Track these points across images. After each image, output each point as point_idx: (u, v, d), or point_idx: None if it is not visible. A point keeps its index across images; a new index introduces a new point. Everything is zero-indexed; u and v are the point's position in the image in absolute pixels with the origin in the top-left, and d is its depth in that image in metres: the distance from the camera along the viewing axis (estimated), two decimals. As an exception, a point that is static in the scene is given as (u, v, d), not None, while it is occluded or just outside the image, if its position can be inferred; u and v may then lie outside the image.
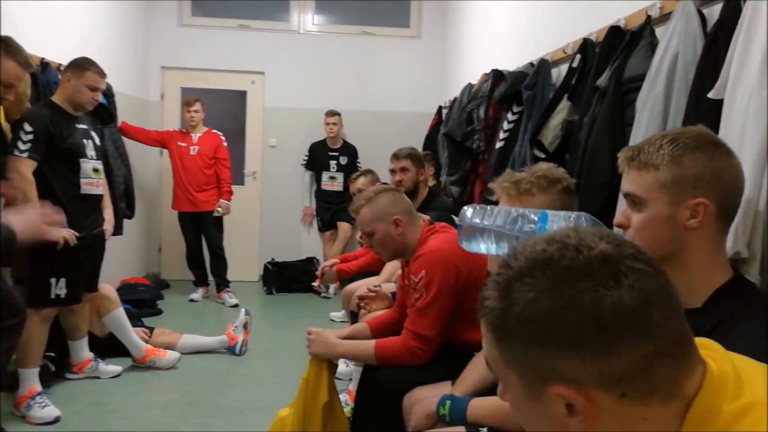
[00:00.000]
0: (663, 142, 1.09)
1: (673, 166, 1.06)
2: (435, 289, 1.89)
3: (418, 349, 1.90)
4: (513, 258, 0.66)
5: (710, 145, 1.08)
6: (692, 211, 1.06)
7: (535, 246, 0.66)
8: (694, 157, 1.06)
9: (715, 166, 1.06)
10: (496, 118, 3.31)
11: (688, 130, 1.14)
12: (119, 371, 3.32)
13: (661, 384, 0.59)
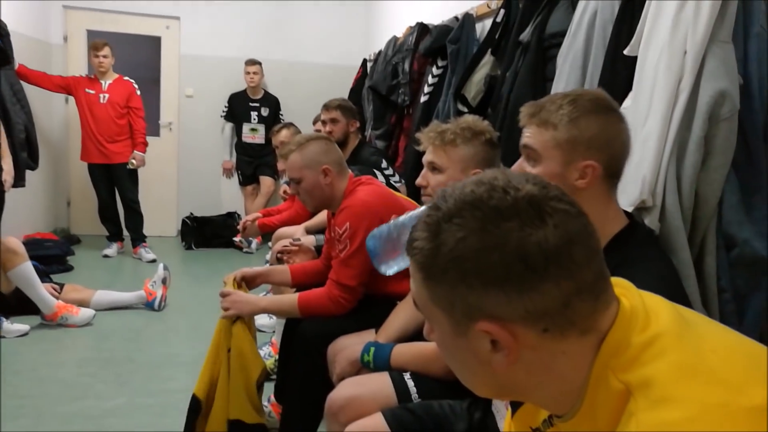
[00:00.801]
0: (563, 102, 1.14)
1: (570, 127, 1.12)
2: (359, 240, 1.90)
3: (342, 298, 1.91)
4: (442, 200, 0.67)
5: (606, 110, 1.14)
6: (581, 172, 1.12)
7: (464, 188, 0.67)
8: (590, 120, 1.12)
9: (609, 130, 1.13)
10: (420, 72, 3.31)
11: (587, 92, 1.19)
12: (26, 330, 3.15)
13: (580, 319, 0.63)
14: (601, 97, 1.17)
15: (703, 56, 1.30)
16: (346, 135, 3.26)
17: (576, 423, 0.66)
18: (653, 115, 1.35)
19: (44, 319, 3.31)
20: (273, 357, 2.67)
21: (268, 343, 2.85)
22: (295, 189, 2.10)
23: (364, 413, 1.44)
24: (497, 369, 0.64)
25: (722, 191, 1.30)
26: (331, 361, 1.80)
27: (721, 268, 1.30)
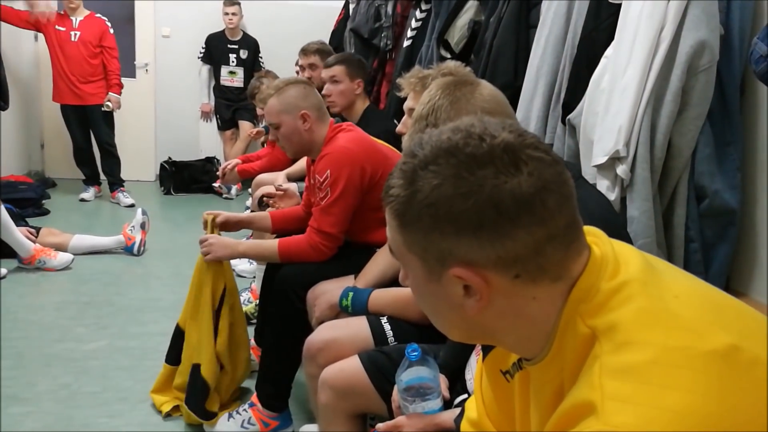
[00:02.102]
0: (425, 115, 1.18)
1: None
2: (340, 188, 1.90)
3: (322, 245, 1.93)
4: (419, 147, 0.67)
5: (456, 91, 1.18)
6: None
7: (440, 135, 0.67)
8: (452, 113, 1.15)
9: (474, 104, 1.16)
10: (404, 15, 3.24)
11: (432, 89, 1.23)
12: (4, 273, 3.13)
13: (551, 266, 0.64)
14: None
15: (685, 5, 1.29)
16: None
17: (544, 366, 0.69)
18: (633, 64, 1.34)
19: (21, 263, 3.29)
20: (253, 303, 2.70)
21: (248, 288, 2.87)
22: (274, 135, 2.08)
23: (341, 356, 1.48)
24: (469, 313, 0.66)
25: (696, 142, 1.32)
26: (311, 306, 1.83)
27: (690, 219, 1.33)
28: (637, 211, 1.29)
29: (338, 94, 2.69)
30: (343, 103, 2.72)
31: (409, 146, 0.70)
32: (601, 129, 1.17)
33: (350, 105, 2.75)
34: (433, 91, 1.21)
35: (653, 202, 1.31)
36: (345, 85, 2.70)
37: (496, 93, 1.21)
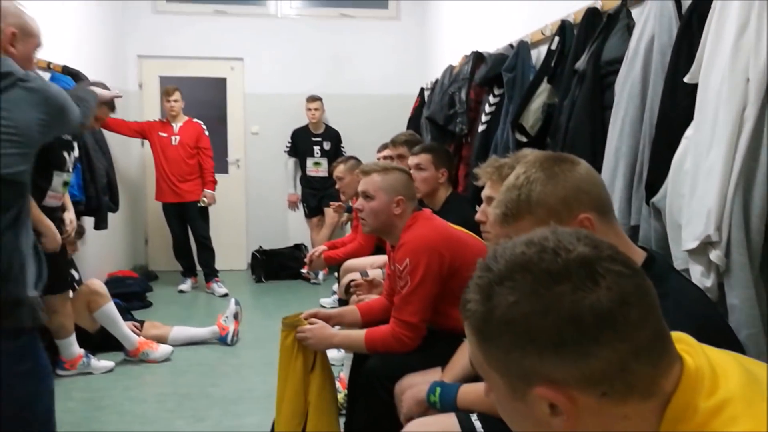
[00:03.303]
0: (518, 185, 1.14)
1: (538, 207, 1.11)
2: (419, 276, 1.92)
3: (405, 336, 1.93)
4: (493, 261, 0.68)
5: (555, 166, 1.14)
6: (582, 227, 1.10)
7: (514, 249, 0.68)
8: (548, 187, 1.11)
9: (572, 183, 1.12)
10: (477, 100, 3.31)
11: (529, 160, 1.20)
12: (112, 366, 3.33)
13: (640, 382, 0.62)
14: (545, 157, 1.19)
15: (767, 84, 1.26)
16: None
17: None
18: (717, 145, 1.30)
19: (127, 355, 3.48)
20: (342, 392, 2.70)
21: (337, 378, 2.88)
22: (361, 205, 2.12)
23: (431, 455, 1.44)
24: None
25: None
26: (398, 400, 1.81)
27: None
28: (738, 300, 1.21)
29: (421, 181, 2.77)
30: (426, 189, 2.80)
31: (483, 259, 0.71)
32: (688, 212, 1.12)
33: (433, 192, 2.83)
34: (530, 161, 1.20)
35: (755, 289, 1.22)
36: (429, 173, 2.81)
37: (595, 173, 1.19)
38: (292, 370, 2.04)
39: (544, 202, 1.11)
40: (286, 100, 5.81)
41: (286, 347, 2.06)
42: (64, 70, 4.00)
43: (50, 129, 1.70)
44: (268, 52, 5.84)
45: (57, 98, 1.72)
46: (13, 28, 1.66)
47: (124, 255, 5.46)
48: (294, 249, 5.77)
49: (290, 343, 2.05)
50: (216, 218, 5.34)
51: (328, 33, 5.89)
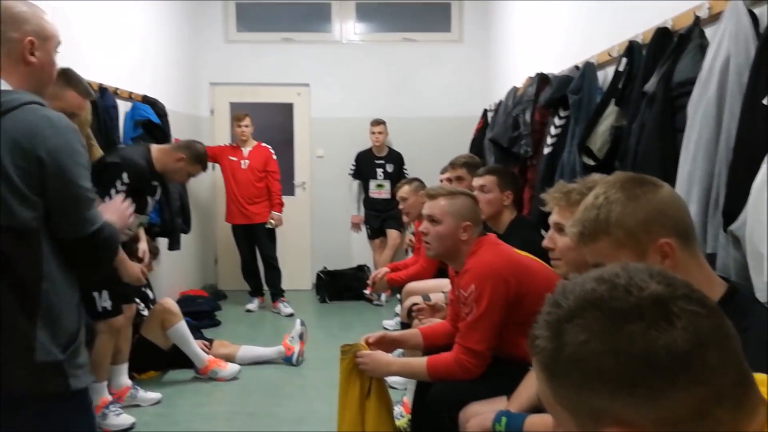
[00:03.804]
0: (597, 205, 1.12)
1: (617, 228, 1.09)
2: (485, 303, 1.90)
3: (470, 363, 1.91)
4: (562, 297, 0.67)
5: (637, 187, 1.11)
6: (661, 253, 1.07)
7: (584, 285, 0.66)
8: (628, 209, 1.09)
9: (653, 206, 1.09)
10: (542, 122, 3.27)
11: (610, 181, 1.17)
12: (159, 398, 3.27)
13: (721, 428, 0.59)
14: (627, 179, 1.16)
15: None
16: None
17: None
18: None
19: (197, 373, 3.60)
20: (405, 417, 2.69)
21: (399, 402, 2.88)
22: (426, 229, 2.10)
23: (497, 488, 1.42)
24: (630, 473, 0.62)
25: None
26: (463, 428, 1.79)
27: None
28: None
29: (486, 203, 2.72)
30: (490, 212, 2.76)
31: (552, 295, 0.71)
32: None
33: (497, 214, 2.80)
34: (610, 182, 1.17)
35: None
36: (494, 194, 2.78)
37: (678, 197, 1.15)
38: (350, 396, 2.05)
39: (623, 223, 1.09)
40: (350, 124, 5.93)
41: (345, 373, 2.08)
42: (143, 99, 4.24)
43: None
44: (333, 78, 5.99)
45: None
46: (31, 36, 1.39)
47: (195, 274, 5.67)
48: (357, 270, 5.83)
49: (348, 369, 2.07)
50: (282, 239, 5.47)
51: (390, 57, 5.99)
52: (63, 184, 1.33)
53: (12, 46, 1.36)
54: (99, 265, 1.45)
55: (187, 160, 3.09)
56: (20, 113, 1.30)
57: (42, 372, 1.31)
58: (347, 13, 6.03)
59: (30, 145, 1.28)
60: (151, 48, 4.72)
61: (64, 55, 3.17)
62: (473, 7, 5.95)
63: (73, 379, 1.35)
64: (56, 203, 1.33)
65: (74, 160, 1.35)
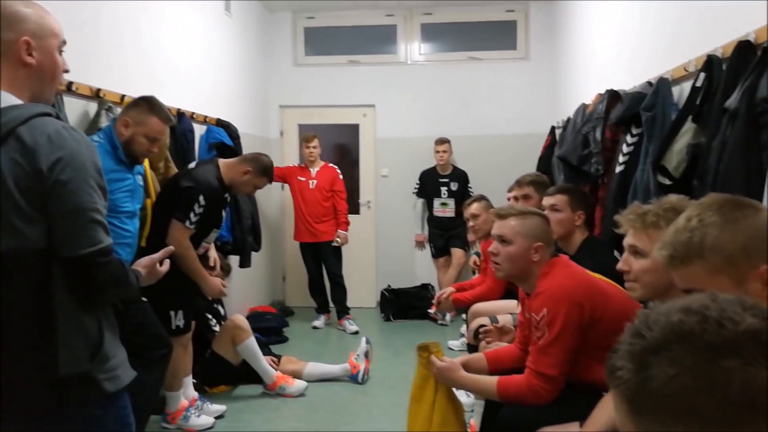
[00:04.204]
0: (691, 227, 1.08)
1: (713, 253, 1.05)
2: (558, 327, 1.86)
3: (541, 388, 1.87)
4: (645, 327, 0.65)
5: (735, 210, 1.06)
6: (762, 281, 1.02)
7: (670, 316, 0.65)
8: (726, 233, 1.04)
9: (754, 230, 1.04)
10: (614, 140, 3.19)
11: (704, 202, 1.13)
12: (212, 423, 3.24)
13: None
14: (726, 201, 1.12)
15: None
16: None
17: None
18: None
19: (266, 389, 3.68)
20: (472, 439, 2.65)
21: (467, 424, 2.83)
22: (496, 249, 2.07)
23: None
24: None
25: None
26: (533, 454, 1.75)
27: None
28: None
29: (556, 223, 2.62)
30: (561, 232, 2.69)
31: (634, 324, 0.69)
32: None
33: (568, 235, 2.73)
34: (704, 203, 1.13)
35: None
36: (565, 214, 2.71)
37: None
38: (425, 393, 2.08)
39: (720, 248, 1.05)
40: (415, 143, 5.96)
41: (421, 370, 2.12)
42: (217, 123, 4.42)
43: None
44: (398, 98, 6.06)
45: None
46: (27, 36, 1.30)
47: (263, 291, 5.82)
48: (421, 289, 5.82)
49: (425, 366, 2.10)
50: (348, 257, 5.54)
51: (455, 76, 6.01)
52: (62, 198, 1.25)
53: (7, 47, 1.29)
54: (94, 290, 1.33)
55: (253, 172, 3.19)
56: (25, 129, 1.24)
57: (69, 383, 1.29)
58: (412, 34, 6.10)
59: (32, 160, 1.23)
60: (225, 74, 4.93)
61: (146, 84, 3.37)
62: (540, 24, 5.89)
63: (108, 382, 1.35)
64: (54, 217, 1.26)
65: (77, 175, 1.27)
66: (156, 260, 1.56)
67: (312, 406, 3.53)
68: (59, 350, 1.28)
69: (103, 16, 3.12)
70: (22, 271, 1.27)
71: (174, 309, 3.07)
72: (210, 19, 4.59)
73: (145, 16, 3.56)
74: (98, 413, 1.36)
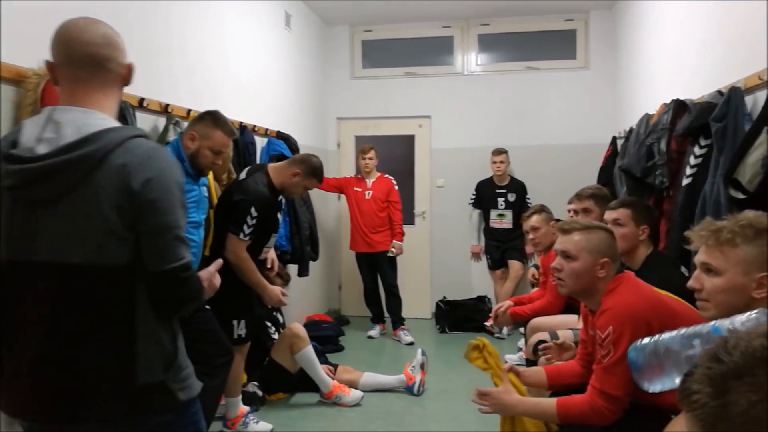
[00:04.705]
0: None
1: None
2: (624, 346, 1.80)
3: (606, 408, 1.82)
4: (724, 351, 0.64)
5: None
6: None
7: (750, 341, 0.63)
8: None
9: None
10: (680, 151, 3.08)
11: None
12: (269, 429, 3.29)
13: None
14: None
15: None
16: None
17: None
18: None
19: (322, 397, 3.72)
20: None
21: None
22: (560, 265, 2.03)
23: None
24: None
25: None
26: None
27: None
28: None
29: (620, 238, 2.48)
30: (624, 247, 2.58)
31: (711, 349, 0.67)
32: None
33: (632, 250, 2.63)
34: None
35: None
36: (629, 229, 2.62)
37: None
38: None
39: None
40: (471, 154, 5.93)
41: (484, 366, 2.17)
42: (278, 135, 4.54)
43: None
44: (454, 108, 6.05)
45: None
46: (129, 61, 1.45)
47: (320, 300, 5.90)
48: (477, 301, 5.76)
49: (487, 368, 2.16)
50: (403, 268, 5.55)
51: (513, 86, 5.95)
52: (150, 216, 1.32)
53: (119, 71, 1.41)
54: (177, 303, 1.41)
55: (302, 174, 3.22)
56: (121, 150, 1.32)
57: (146, 392, 1.35)
58: (469, 44, 6.09)
59: (126, 180, 1.30)
60: (285, 88, 5.06)
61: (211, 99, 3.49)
62: (600, 33, 5.77)
63: (181, 392, 1.41)
64: (142, 234, 1.33)
65: (165, 194, 1.34)
66: (213, 273, 1.61)
67: (368, 416, 3.55)
68: (138, 360, 1.34)
69: (173, 37, 3.26)
70: (107, 285, 1.33)
71: (237, 318, 3.14)
72: (271, 35, 4.72)
73: (211, 36, 3.70)
74: (171, 419, 1.42)
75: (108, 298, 1.34)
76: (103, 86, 1.39)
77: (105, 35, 1.39)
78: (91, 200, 1.29)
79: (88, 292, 1.33)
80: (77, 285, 1.32)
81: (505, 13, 5.89)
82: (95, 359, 1.34)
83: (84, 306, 1.33)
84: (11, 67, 2.13)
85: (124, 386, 1.34)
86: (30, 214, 1.32)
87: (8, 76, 2.12)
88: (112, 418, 1.36)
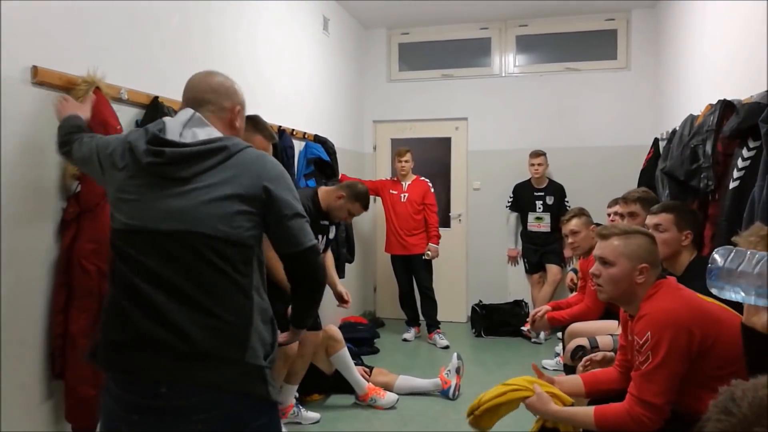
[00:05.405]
0: None
1: None
2: (662, 353, 1.76)
3: (645, 417, 1.77)
4: (732, 403, 0.64)
5: None
6: None
7: (756, 391, 0.63)
8: None
9: None
10: (726, 153, 2.99)
11: None
12: (317, 418, 3.46)
13: None
14: None
15: None
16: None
17: None
18: None
19: (357, 399, 3.74)
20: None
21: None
22: (598, 271, 2.00)
23: None
24: None
25: None
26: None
27: None
28: None
29: (662, 243, 2.46)
30: (667, 252, 2.54)
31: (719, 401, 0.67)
32: None
33: (674, 255, 2.57)
34: None
35: None
36: (671, 234, 2.56)
37: None
38: None
39: None
40: (508, 156, 5.88)
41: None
42: (315, 139, 4.58)
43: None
44: (491, 110, 6.01)
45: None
46: (239, 105, 1.70)
47: (355, 302, 5.91)
48: (514, 305, 5.70)
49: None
50: (438, 271, 5.53)
51: (551, 87, 5.87)
52: (283, 206, 1.54)
53: (226, 114, 1.65)
54: (317, 279, 1.62)
55: (347, 198, 3.28)
56: (246, 154, 1.56)
57: (250, 374, 1.46)
58: (507, 46, 6.04)
59: (258, 177, 1.53)
60: (322, 91, 5.10)
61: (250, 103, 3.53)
62: (641, 32, 5.65)
63: (272, 389, 1.51)
64: (278, 223, 1.54)
65: (289, 187, 1.59)
66: None
67: (403, 419, 3.55)
68: (251, 339, 1.47)
69: (213, 45, 3.33)
70: (237, 261, 1.49)
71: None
72: (309, 39, 4.77)
73: (250, 42, 3.77)
74: (266, 421, 1.52)
75: (228, 267, 1.47)
76: (210, 118, 1.62)
77: (216, 83, 1.67)
78: (221, 184, 1.49)
79: (213, 257, 1.46)
80: (200, 251, 1.46)
81: (543, 14, 5.82)
82: (213, 326, 1.44)
83: (207, 271, 1.46)
84: (61, 75, 2.19)
85: (233, 359, 1.44)
86: (163, 189, 1.50)
87: (58, 84, 2.18)
88: (218, 386, 1.43)
